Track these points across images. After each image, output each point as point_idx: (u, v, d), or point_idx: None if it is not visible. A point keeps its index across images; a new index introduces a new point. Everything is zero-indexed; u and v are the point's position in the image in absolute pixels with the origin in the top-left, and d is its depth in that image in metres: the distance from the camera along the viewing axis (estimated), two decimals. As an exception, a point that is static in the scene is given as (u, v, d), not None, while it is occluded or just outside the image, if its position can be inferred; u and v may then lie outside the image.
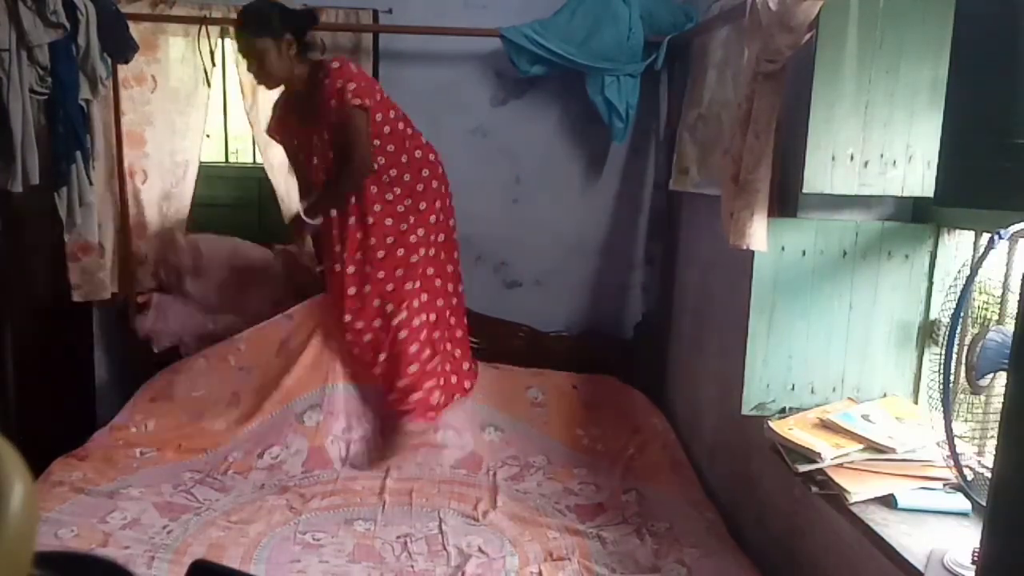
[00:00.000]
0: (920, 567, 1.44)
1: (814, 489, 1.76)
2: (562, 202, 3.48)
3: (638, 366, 3.43)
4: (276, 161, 3.25)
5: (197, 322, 3.24)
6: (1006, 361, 1.38)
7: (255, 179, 3.40)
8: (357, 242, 2.86)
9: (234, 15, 2.82)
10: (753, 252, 2.07)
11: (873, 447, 1.80)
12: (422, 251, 2.93)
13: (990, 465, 1.48)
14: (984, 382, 1.53)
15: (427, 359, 2.92)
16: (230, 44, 3.23)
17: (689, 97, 3.04)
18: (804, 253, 2.10)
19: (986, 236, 1.59)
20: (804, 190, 2.00)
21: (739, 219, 2.00)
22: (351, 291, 2.87)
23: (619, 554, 2.23)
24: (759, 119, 1.94)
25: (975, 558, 1.38)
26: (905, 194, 2.01)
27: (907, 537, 1.55)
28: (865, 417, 1.92)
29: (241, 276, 3.28)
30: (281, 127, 2.92)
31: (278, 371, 2.94)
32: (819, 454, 1.78)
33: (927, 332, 2.12)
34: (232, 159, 3.97)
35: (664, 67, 3.21)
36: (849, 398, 2.13)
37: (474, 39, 3.23)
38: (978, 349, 1.51)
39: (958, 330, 1.52)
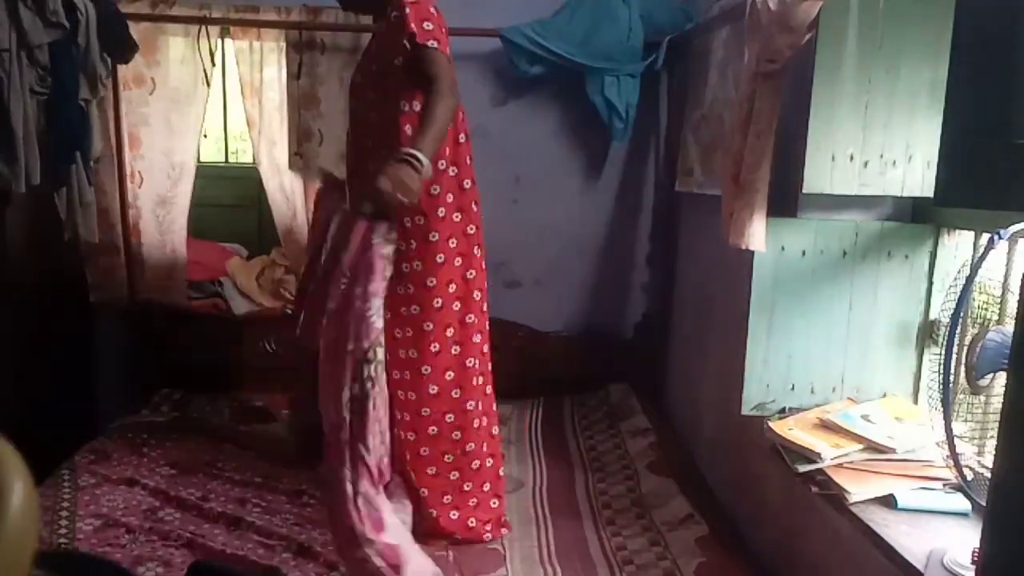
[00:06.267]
0: (920, 567, 1.44)
1: (814, 489, 1.76)
2: (562, 202, 3.48)
3: (638, 366, 3.44)
4: (277, 162, 3.25)
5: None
6: (1006, 361, 1.39)
7: (255, 179, 3.39)
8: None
9: (234, 15, 2.80)
10: (753, 252, 2.08)
11: (873, 447, 1.80)
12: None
13: (990, 465, 1.48)
14: (984, 382, 1.53)
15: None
16: (230, 44, 3.23)
17: (691, 98, 3.03)
18: (804, 253, 2.10)
19: (986, 236, 1.59)
20: (804, 190, 2.00)
21: (739, 219, 2.00)
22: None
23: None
24: (760, 119, 1.94)
25: (975, 558, 1.38)
26: (905, 194, 2.01)
27: (907, 537, 1.55)
28: (865, 417, 1.92)
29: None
30: (352, 85, 2.38)
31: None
32: (819, 454, 1.78)
33: (927, 332, 2.12)
34: (232, 159, 3.98)
35: (664, 67, 3.21)
36: (849, 398, 2.13)
37: (474, 39, 3.23)
38: (978, 349, 1.51)
39: (958, 330, 1.53)
